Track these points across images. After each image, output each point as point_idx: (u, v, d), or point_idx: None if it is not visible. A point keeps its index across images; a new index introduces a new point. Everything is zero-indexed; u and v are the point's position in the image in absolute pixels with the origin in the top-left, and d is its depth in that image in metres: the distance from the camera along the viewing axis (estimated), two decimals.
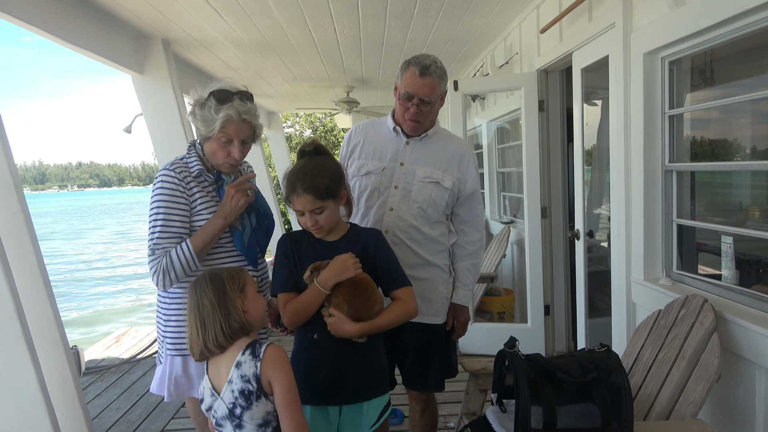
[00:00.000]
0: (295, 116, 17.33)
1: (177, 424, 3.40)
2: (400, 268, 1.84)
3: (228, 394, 1.46)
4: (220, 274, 1.53)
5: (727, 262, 2.13)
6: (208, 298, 1.47)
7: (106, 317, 11.57)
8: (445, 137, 2.21)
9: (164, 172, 1.85)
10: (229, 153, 1.87)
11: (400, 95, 2.06)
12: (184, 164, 1.92)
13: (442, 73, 2.05)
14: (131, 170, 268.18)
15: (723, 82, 2.45)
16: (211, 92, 1.85)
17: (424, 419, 2.24)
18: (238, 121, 1.84)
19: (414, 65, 2.02)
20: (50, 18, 3.10)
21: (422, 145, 2.14)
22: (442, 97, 2.11)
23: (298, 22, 4.03)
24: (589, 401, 1.57)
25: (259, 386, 1.43)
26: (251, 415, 1.44)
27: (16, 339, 2.27)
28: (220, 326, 1.45)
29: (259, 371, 1.43)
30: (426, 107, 2.03)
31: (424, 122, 2.09)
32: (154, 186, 1.87)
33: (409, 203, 2.10)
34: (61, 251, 24.80)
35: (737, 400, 1.89)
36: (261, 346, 1.47)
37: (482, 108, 5.82)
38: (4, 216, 2.35)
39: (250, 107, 1.89)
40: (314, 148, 1.78)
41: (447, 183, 2.11)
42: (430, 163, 2.12)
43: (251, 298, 1.55)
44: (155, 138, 4.55)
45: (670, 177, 2.39)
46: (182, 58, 4.99)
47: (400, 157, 2.12)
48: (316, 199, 1.68)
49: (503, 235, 4.99)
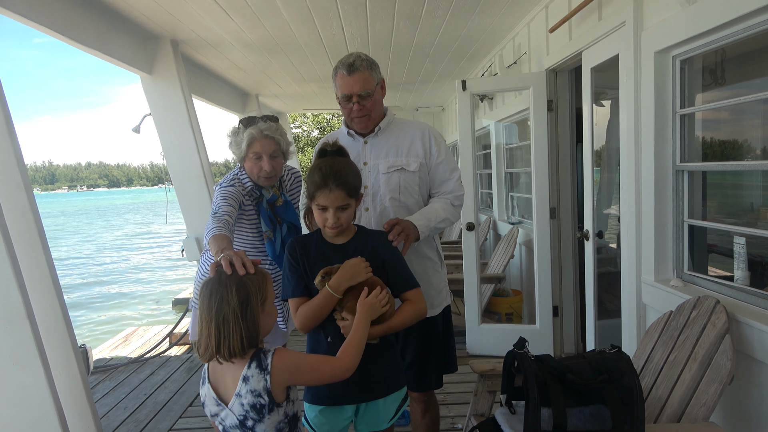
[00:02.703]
0: (302, 116, 17.36)
1: (184, 423, 3.40)
2: (409, 270, 1.84)
3: (237, 407, 1.42)
4: (247, 285, 1.44)
5: (739, 263, 2.10)
6: (232, 307, 1.40)
7: (117, 317, 11.65)
8: (400, 125, 2.20)
9: (228, 182, 2.25)
10: (261, 168, 2.23)
11: (340, 100, 2.10)
12: (239, 179, 2.29)
13: (370, 63, 2.06)
14: (140, 170, 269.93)
15: (734, 82, 2.42)
16: (240, 120, 2.26)
17: (426, 420, 2.23)
18: (260, 138, 2.20)
19: (340, 68, 2.05)
20: (60, 18, 3.12)
21: (380, 140, 2.15)
22: (381, 85, 2.12)
23: (306, 23, 4.03)
24: (600, 403, 1.56)
25: (271, 399, 1.41)
26: (263, 427, 1.42)
27: (26, 337, 2.28)
28: (239, 337, 1.39)
29: (270, 384, 1.40)
30: (366, 100, 2.05)
31: (372, 114, 2.10)
32: (220, 186, 2.25)
33: (381, 197, 2.10)
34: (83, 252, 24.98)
35: (750, 402, 1.87)
36: (266, 356, 1.42)
37: (490, 108, 5.80)
38: (14, 215, 2.35)
39: (271, 125, 2.24)
40: (338, 149, 1.80)
41: (413, 166, 2.11)
42: (392, 153, 2.13)
43: (269, 311, 1.51)
44: (164, 138, 4.57)
45: (681, 177, 2.37)
46: (191, 58, 5.01)
47: (361, 158, 2.13)
48: (347, 196, 1.69)
49: (511, 236, 4.96)
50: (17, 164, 2.36)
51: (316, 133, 17.75)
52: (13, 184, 2.37)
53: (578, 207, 3.87)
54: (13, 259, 2.25)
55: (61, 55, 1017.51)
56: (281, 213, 2.35)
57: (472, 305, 4.09)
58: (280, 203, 2.36)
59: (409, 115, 9.40)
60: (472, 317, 4.11)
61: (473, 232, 4.03)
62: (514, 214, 5.61)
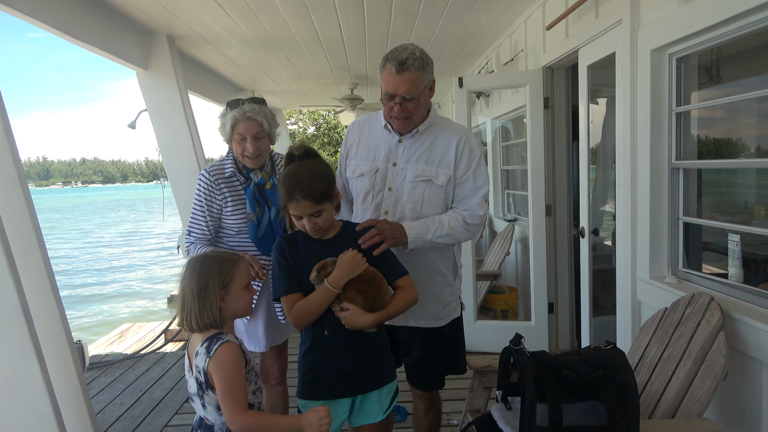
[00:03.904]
0: (298, 113, 17.34)
1: (180, 419, 3.40)
2: (396, 258, 1.87)
3: (193, 377, 1.55)
4: (209, 268, 1.55)
5: (733, 260, 2.12)
6: (191, 287, 1.52)
7: (112, 313, 11.61)
8: (440, 128, 2.06)
9: (201, 174, 2.29)
10: (245, 148, 2.23)
11: (382, 94, 1.95)
12: (221, 166, 2.31)
13: (423, 63, 1.90)
14: (135, 167, 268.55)
15: (729, 81, 2.43)
16: (227, 102, 2.26)
17: (428, 417, 2.24)
18: (243, 120, 2.20)
19: (390, 62, 1.88)
20: (55, 13, 3.10)
21: (415, 142, 2.04)
22: (430, 87, 1.97)
23: (303, 19, 4.02)
24: (595, 399, 1.57)
25: (206, 380, 1.50)
26: (209, 400, 1.52)
27: (21, 333, 2.27)
28: (195, 315, 1.51)
29: (207, 367, 1.49)
30: (410, 104, 1.91)
31: (413, 118, 1.97)
32: (199, 182, 2.30)
33: (402, 205, 2.03)
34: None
35: (744, 398, 1.88)
36: (217, 342, 1.50)
37: (487, 105, 5.80)
38: (9, 211, 2.34)
39: (254, 107, 2.23)
40: (304, 152, 1.78)
41: (441, 179, 2.00)
42: (423, 159, 2.01)
43: (234, 295, 1.57)
44: (159, 134, 4.55)
45: (676, 175, 2.38)
46: (187, 54, 4.99)
47: (392, 157, 2.04)
48: (315, 204, 1.69)
49: (507, 233, 4.98)
50: (12, 160, 2.34)
51: (312, 130, 17.73)
52: (8, 179, 2.36)
53: (574, 204, 3.89)
54: (9, 255, 2.24)
55: (55, 50, 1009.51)
56: (270, 196, 2.33)
57: (467, 302, 4.09)
58: (269, 186, 2.35)
59: None
60: (468, 314, 4.11)
61: None
62: (510, 212, 5.62)
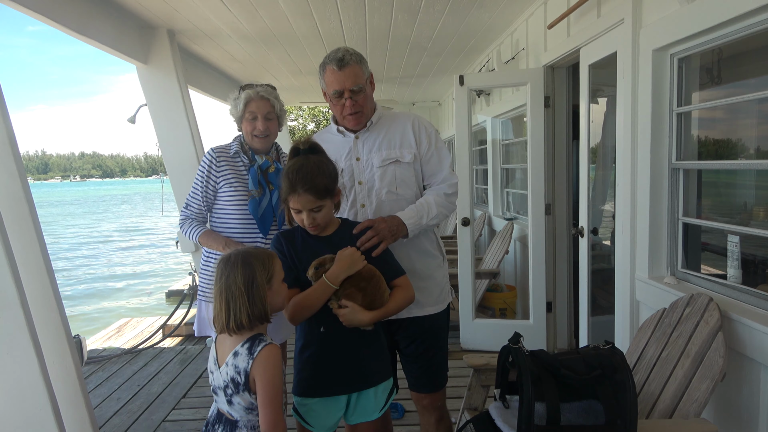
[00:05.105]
0: (298, 109, 17.30)
1: (178, 414, 3.40)
2: (394, 258, 1.88)
3: (224, 373, 1.54)
4: (252, 262, 1.54)
5: (732, 261, 2.12)
6: (237, 284, 1.51)
7: (110, 308, 11.61)
8: (390, 118, 2.15)
9: (206, 152, 2.42)
10: (255, 126, 2.37)
11: (331, 97, 2.03)
12: (226, 146, 2.45)
13: (359, 57, 2.01)
14: (134, 161, 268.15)
15: (730, 82, 2.43)
16: (240, 86, 2.42)
17: (440, 430, 2.16)
18: (256, 98, 2.36)
19: (330, 63, 1.98)
20: (55, 6, 3.09)
21: (371, 134, 2.09)
22: (370, 80, 2.07)
23: (304, 15, 4.01)
24: (593, 398, 1.57)
25: (246, 382, 1.50)
26: (239, 400, 1.53)
27: (19, 327, 2.27)
28: (246, 312, 1.50)
29: (250, 368, 1.48)
30: (359, 96, 1.99)
31: (364, 110, 2.04)
32: (203, 162, 2.43)
33: (377, 192, 2.05)
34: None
35: (741, 399, 1.89)
36: (260, 344, 1.50)
37: (487, 103, 5.80)
38: (7, 204, 2.34)
39: (266, 87, 2.41)
40: (309, 147, 1.78)
41: (407, 158, 2.05)
42: (384, 146, 2.07)
43: (276, 289, 1.59)
44: (159, 128, 4.54)
45: (676, 175, 2.38)
46: (187, 49, 4.98)
47: (354, 154, 2.08)
48: (316, 199, 1.69)
49: (506, 232, 4.98)
50: (12, 153, 2.34)
51: (312, 126, 17.70)
52: (8, 172, 2.35)
53: (573, 204, 3.89)
54: (8, 249, 2.23)
55: (55, 44, 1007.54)
56: (273, 180, 2.39)
57: (466, 300, 4.11)
58: (272, 170, 2.41)
59: (406, 109, 9.39)
60: (466, 312, 4.12)
61: (468, 227, 4.04)
62: (510, 210, 5.62)
